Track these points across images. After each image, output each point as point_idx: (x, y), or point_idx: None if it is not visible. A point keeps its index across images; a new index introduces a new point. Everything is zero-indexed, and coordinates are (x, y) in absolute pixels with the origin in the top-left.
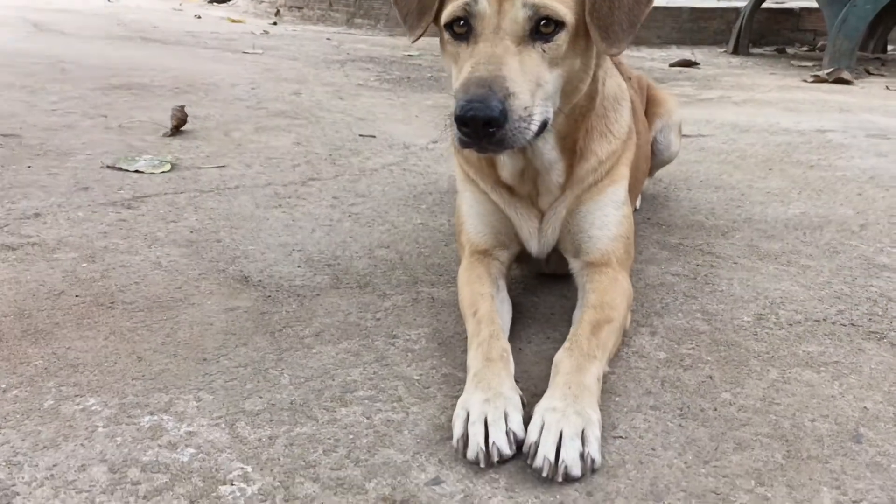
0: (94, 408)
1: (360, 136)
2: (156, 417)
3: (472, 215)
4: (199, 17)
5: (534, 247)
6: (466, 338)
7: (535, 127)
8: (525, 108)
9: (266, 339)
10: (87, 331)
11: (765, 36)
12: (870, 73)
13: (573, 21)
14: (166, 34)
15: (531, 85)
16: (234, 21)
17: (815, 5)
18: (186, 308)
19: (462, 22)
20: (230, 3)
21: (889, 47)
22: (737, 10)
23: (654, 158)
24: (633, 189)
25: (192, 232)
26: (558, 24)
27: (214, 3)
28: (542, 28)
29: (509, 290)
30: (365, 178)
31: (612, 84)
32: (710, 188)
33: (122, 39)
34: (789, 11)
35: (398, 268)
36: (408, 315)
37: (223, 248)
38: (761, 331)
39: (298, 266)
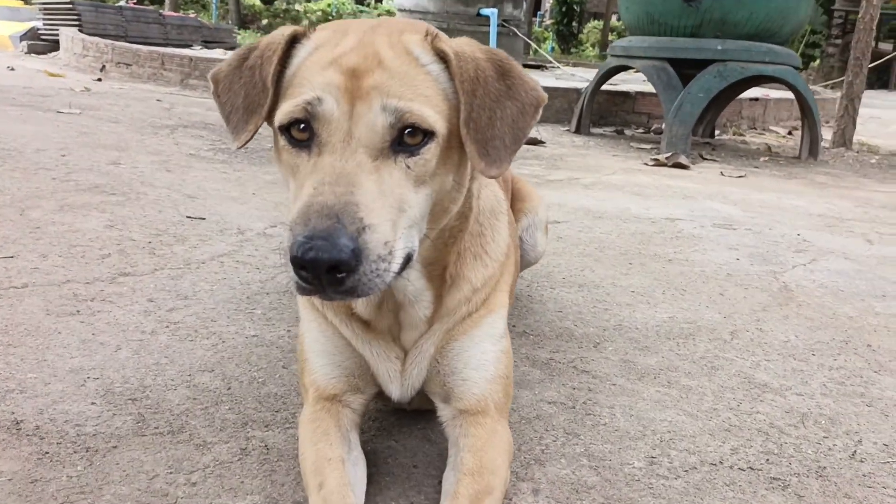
0: None
1: (188, 217)
2: None
3: (318, 353)
4: (13, 69)
5: (395, 391)
6: None
7: (396, 266)
8: (385, 243)
9: None
10: None
11: (604, 116)
12: (703, 158)
13: (445, 131)
14: None
15: (392, 212)
16: (52, 75)
17: (649, 89)
18: None
19: (303, 126)
20: (51, 54)
21: (716, 132)
22: (578, 91)
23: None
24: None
25: None
26: (427, 134)
27: (33, 55)
28: (406, 138)
29: (362, 433)
30: (190, 274)
31: (488, 196)
32: (574, 286)
33: None
34: (626, 94)
35: (224, 401)
36: (233, 476)
37: None
38: (657, 482)
39: (93, 402)
